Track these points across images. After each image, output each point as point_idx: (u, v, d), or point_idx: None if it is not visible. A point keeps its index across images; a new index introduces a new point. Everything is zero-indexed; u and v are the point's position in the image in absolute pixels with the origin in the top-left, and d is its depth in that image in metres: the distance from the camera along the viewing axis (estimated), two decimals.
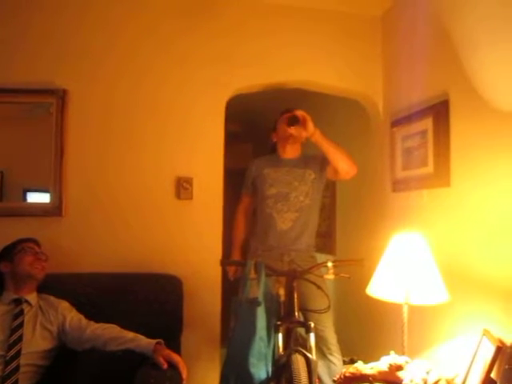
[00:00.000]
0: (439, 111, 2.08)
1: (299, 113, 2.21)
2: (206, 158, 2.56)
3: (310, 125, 2.22)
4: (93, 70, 2.45)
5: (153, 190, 2.48)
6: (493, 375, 1.50)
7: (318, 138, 2.25)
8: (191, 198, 2.51)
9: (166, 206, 2.49)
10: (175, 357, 1.72)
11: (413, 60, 2.39)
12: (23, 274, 1.88)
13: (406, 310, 1.79)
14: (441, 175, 2.06)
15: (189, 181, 2.50)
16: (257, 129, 4.65)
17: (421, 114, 2.24)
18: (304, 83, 2.76)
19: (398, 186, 2.48)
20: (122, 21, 2.51)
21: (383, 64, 2.74)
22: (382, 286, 1.84)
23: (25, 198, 2.43)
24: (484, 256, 1.77)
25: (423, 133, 2.21)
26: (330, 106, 3.66)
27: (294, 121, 2.20)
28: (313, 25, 2.69)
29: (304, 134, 2.25)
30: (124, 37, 2.50)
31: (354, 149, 3.32)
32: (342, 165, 2.32)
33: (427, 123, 2.17)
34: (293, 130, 2.27)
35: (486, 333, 1.63)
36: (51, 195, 2.38)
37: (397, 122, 2.50)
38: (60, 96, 2.38)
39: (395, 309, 1.86)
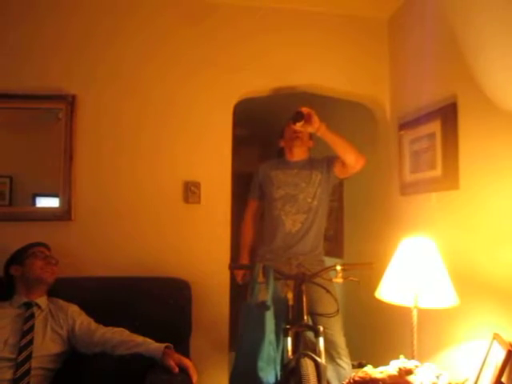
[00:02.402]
0: (447, 114, 2.08)
1: (304, 109, 2.22)
2: (213, 162, 2.57)
3: (315, 119, 2.22)
4: (104, 77, 2.48)
5: (160, 194, 2.50)
6: (503, 379, 1.49)
7: (323, 131, 2.25)
8: (199, 202, 2.52)
9: (174, 210, 2.50)
10: (186, 361, 1.72)
11: (420, 62, 2.39)
12: (34, 278, 1.90)
13: (415, 313, 1.78)
14: (449, 178, 2.05)
15: (196, 185, 2.51)
16: (264, 133, 4.66)
17: (429, 116, 2.23)
18: (311, 87, 2.76)
19: (407, 189, 2.47)
20: (134, 29, 2.53)
21: (390, 67, 2.74)
22: (391, 289, 1.84)
23: (34, 203, 2.45)
24: (494, 259, 1.76)
25: (431, 135, 2.20)
26: (337, 110, 3.66)
27: (299, 117, 2.21)
28: (319, 28, 2.70)
29: (310, 129, 2.26)
30: (135, 45, 2.53)
31: (362, 152, 3.33)
32: (350, 156, 2.34)
33: (435, 126, 2.16)
34: (298, 127, 2.27)
35: (496, 337, 1.62)
36: (60, 200, 2.40)
37: (404, 125, 2.49)
38: (69, 101, 2.40)
39: (404, 312, 1.86)
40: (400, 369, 1.60)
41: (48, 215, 2.39)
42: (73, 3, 2.48)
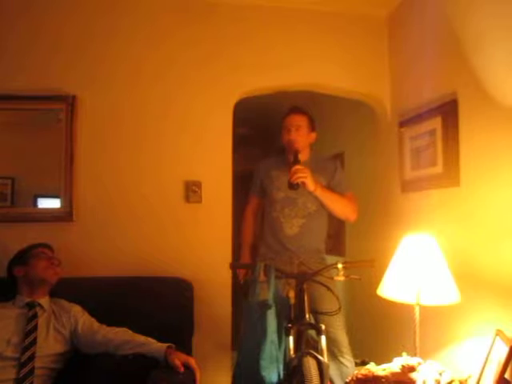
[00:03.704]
0: (448, 110, 2.07)
1: (295, 177, 2.17)
2: (214, 162, 2.57)
3: (310, 185, 2.22)
4: (104, 77, 2.48)
5: (162, 194, 2.50)
6: (507, 375, 1.49)
7: (318, 194, 2.28)
8: (200, 202, 2.52)
9: (176, 210, 2.51)
10: (191, 360, 1.72)
11: (420, 59, 2.39)
12: (37, 279, 1.90)
13: (417, 310, 1.78)
14: (450, 175, 2.05)
15: (198, 184, 2.52)
16: (265, 131, 4.66)
17: (429, 113, 2.23)
18: (312, 85, 2.76)
19: (407, 186, 2.47)
20: (133, 29, 2.53)
21: (390, 64, 2.74)
22: (393, 286, 1.84)
23: (35, 204, 2.45)
24: (496, 256, 1.75)
25: (432, 132, 2.20)
26: (338, 108, 3.66)
27: (295, 187, 2.19)
28: (320, 27, 2.70)
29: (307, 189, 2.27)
30: (135, 45, 2.53)
31: (363, 150, 3.33)
32: (341, 215, 2.44)
33: (436, 123, 2.16)
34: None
35: (499, 333, 1.62)
36: (62, 200, 2.40)
37: (405, 122, 2.49)
38: (69, 102, 2.41)
39: (407, 310, 1.85)
40: (403, 366, 1.60)
41: (50, 216, 2.39)
42: (72, 3, 2.48)
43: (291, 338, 1.79)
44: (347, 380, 1.68)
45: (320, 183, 2.32)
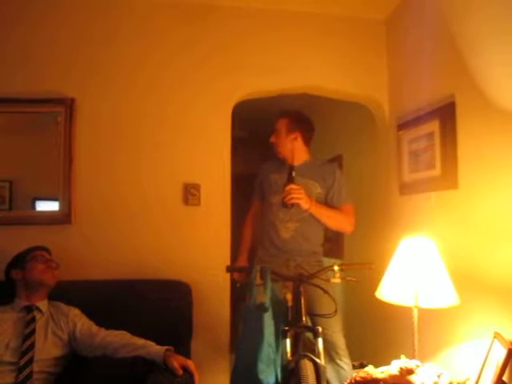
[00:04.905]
0: (446, 113, 2.08)
1: (289, 198, 2.15)
2: (213, 164, 2.57)
3: (304, 205, 2.22)
4: (101, 80, 2.48)
5: (160, 197, 2.50)
6: (505, 378, 1.49)
7: (313, 211, 2.28)
8: (199, 204, 2.52)
9: (174, 213, 2.50)
10: (189, 362, 1.72)
11: (418, 62, 2.39)
12: (35, 282, 1.90)
13: (415, 313, 1.78)
14: (448, 177, 2.05)
15: (196, 187, 2.52)
16: (264, 134, 4.66)
17: (427, 116, 2.23)
18: (310, 88, 2.76)
19: (406, 189, 2.47)
20: (131, 31, 2.54)
21: (389, 67, 2.74)
22: (391, 289, 1.83)
23: (34, 207, 2.45)
24: (494, 258, 1.75)
25: (430, 135, 2.21)
26: (337, 111, 3.67)
27: (288, 206, 2.18)
28: (318, 30, 2.70)
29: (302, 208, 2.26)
30: (133, 47, 2.53)
31: (361, 152, 3.33)
32: (336, 228, 2.48)
33: (434, 125, 2.16)
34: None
35: (497, 336, 1.62)
36: (60, 203, 2.40)
37: (403, 125, 2.49)
38: (68, 105, 2.41)
39: (405, 312, 1.85)
40: (401, 368, 1.59)
41: (48, 219, 2.39)
42: (69, 6, 2.49)
43: (288, 341, 1.79)
44: (345, 383, 1.68)
45: (314, 199, 2.30)
